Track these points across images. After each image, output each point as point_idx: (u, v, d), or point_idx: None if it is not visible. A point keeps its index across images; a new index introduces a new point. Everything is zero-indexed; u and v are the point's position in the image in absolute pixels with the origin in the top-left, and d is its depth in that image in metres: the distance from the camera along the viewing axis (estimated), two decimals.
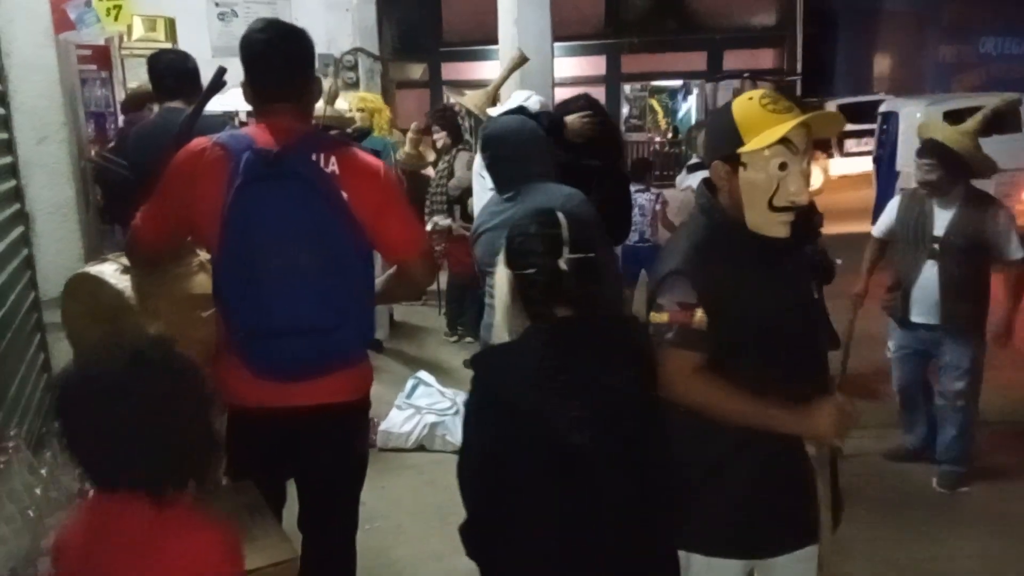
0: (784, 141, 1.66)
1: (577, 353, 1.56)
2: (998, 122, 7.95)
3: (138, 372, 1.29)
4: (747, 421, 1.68)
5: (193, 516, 1.35)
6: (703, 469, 1.77)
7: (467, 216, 5.19)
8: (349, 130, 4.70)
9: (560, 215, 1.61)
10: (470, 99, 4.26)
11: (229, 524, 1.40)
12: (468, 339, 5.69)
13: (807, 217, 1.90)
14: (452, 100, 5.39)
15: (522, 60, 4.18)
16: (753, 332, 1.71)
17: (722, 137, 1.75)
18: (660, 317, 1.72)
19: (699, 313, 1.69)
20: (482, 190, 4.24)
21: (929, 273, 3.52)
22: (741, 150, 1.69)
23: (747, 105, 1.72)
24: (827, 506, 1.82)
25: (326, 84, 4.53)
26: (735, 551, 1.81)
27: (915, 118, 7.85)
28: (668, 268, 1.76)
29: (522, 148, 2.80)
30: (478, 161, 4.36)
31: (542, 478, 1.53)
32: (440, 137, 5.92)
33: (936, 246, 3.50)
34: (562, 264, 1.55)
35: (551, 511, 1.54)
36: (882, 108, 9.93)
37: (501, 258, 1.65)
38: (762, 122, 1.68)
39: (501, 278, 1.64)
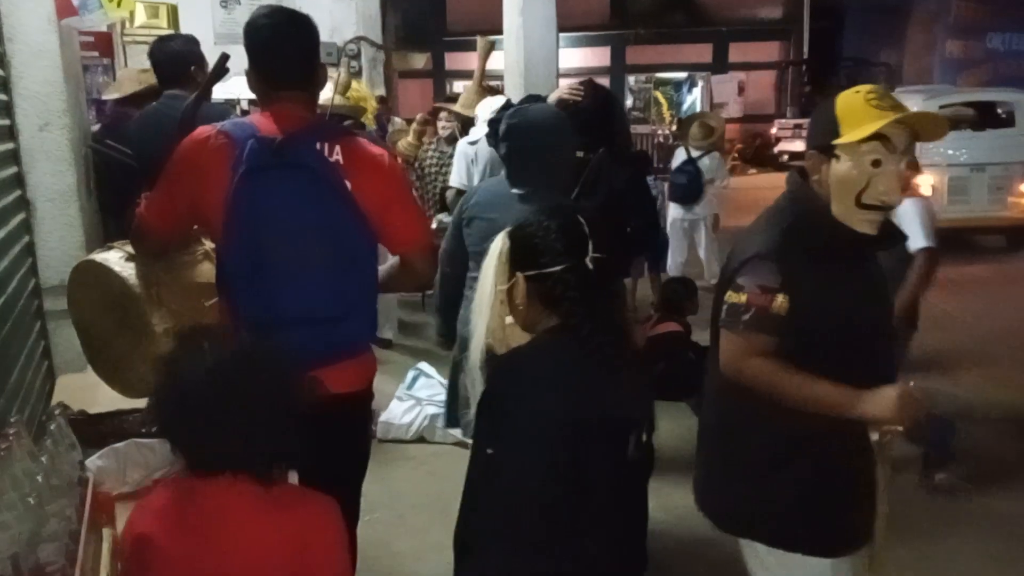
0: (882, 138, 1.63)
1: (618, 354, 1.53)
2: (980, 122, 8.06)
3: (245, 362, 1.36)
4: (803, 401, 1.63)
5: (298, 489, 1.42)
6: (768, 460, 1.74)
7: None
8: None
9: (576, 215, 1.57)
10: (462, 104, 4.28)
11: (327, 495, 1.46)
12: None
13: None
14: (449, 111, 5.40)
15: (490, 46, 4.20)
16: (830, 325, 1.68)
17: (821, 126, 1.73)
18: (738, 297, 1.69)
19: (780, 298, 1.66)
20: (465, 179, 4.24)
21: None
22: (836, 141, 1.67)
23: (851, 98, 1.70)
24: (885, 497, 1.76)
25: (333, 73, 4.53)
26: (813, 548, 1.76)
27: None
28: (753, 251, 1.72)
29: (548, 147, 2.59)
30: (467, 148, 4.34)
31: (611, 479, 1.49)
32: (449, 126, 5.86)
33: None
34: (588, 263, 1.51)
35: (617, 512, 1.51)
36: None
37: (492, 261, 1.56)
38: (862, 116, 1.65)
39: (488, 282, 1.56)
